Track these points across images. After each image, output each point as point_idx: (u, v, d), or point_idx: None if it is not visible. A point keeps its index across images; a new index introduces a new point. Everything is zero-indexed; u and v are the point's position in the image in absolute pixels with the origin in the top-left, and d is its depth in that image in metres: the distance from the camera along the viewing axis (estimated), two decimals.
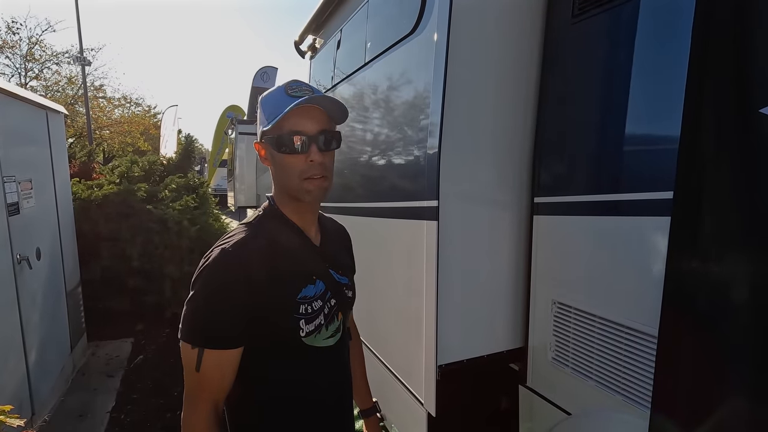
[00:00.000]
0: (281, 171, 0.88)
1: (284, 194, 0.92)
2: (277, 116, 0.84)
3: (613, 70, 1.34)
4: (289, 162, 0.86)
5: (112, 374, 3.28)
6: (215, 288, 0.81)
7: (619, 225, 1.28)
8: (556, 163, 1.53)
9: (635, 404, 1.22)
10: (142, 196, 4.00)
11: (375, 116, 2.06)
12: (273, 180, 0.93)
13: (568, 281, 1.47)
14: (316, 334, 0.89)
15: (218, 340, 0.81)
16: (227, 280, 0.80)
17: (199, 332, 0.81)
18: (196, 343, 0.80)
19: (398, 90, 1.80)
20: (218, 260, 0.81)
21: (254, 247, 0.84)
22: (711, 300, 0.97)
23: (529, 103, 1.59)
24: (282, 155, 0.86)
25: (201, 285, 0.81)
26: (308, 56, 3.16)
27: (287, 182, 0.88)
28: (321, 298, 0.91)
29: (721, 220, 0.95)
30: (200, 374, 0.80)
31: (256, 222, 0.91)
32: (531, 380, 1.65)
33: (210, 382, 0.82)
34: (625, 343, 1.26)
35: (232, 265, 0.81)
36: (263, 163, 0.93)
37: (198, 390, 0.82)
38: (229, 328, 0.81)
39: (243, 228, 0.89)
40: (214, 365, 0.81)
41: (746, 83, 0.93)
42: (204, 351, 0.80)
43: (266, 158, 0.92)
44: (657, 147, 1.22)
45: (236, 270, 0.81)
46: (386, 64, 1.88)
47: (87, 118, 13.93)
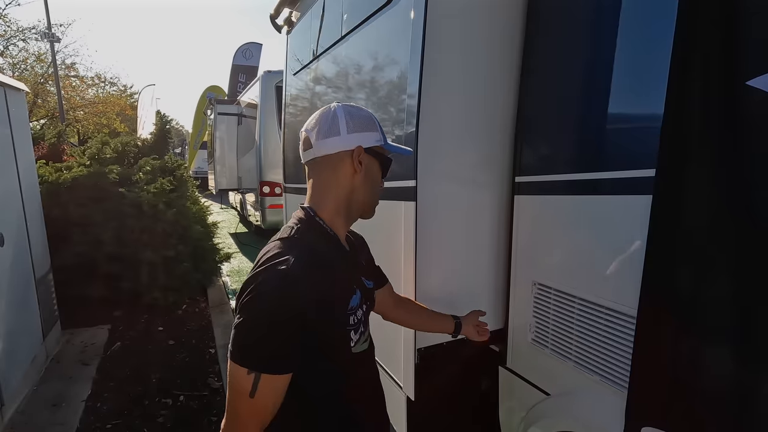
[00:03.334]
0: (369, 186, 0.94)
1: (344, 209, 0.92)
2: (395, 146, 0.97)
3: (596, 46, 1.28)
4: (379, 182, 0.96)
5: (88, 362, 3.20)
6: (275, 313, 0.76)
7: (600, 204, 1.25)
8: (538, 141, 1.49)
9: (613, 384, 1.22)
10: (115, 179, 3.84)
11: (352, 94, 1.98)
12: (333, 192, 0.91)
13: (548, 262, 1.45)
14: (360, 342, 0.91)
15: (277, 365, 0.77)
16: (287, 304, 0.76)
17: (257, 357, 0.76)
18: (254, 368, 0.75)
19: (375, 65, 1.72)
20: (276, 284, 0.77)
21: (308, 266, 0.80)
22: (691, 279, 0.94)
23: (510, 80, 1.53)
24: (379, 174, 0.96)
25: (259, 309, 0.77)
26: (284, 31, 3.02)
27: (367, 197, 0.94)
28: (360, 306, 0.91)
29: (705, 196, 0.92)
30: (254, 400, 0.76)
31: (299, 237, 0.87)
32: (511, 361, 1.64)
33: (264, 407, 0.78)
34: (603, 324, 1.24)
35: (291, 288, 0.77)
36: (346, 167, 0.89)
37: (250, 416, 0.78)
38: (289, 352, 0.78)
39: (288, 244, 0.84)
40: (270, 390, 0.77)
41: (733, 55, 0.88)
42: (261, 376, 0.76)
43: (358, 168, 0.90)
44: (640, 124, 1.18)
45: (295, 293, 0.77)
46: (362, 37, 1.79)
47: (58, 98, 13.37)
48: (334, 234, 0.91)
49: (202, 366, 3.18)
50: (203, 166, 15.44)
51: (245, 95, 8.44)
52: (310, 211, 0.91)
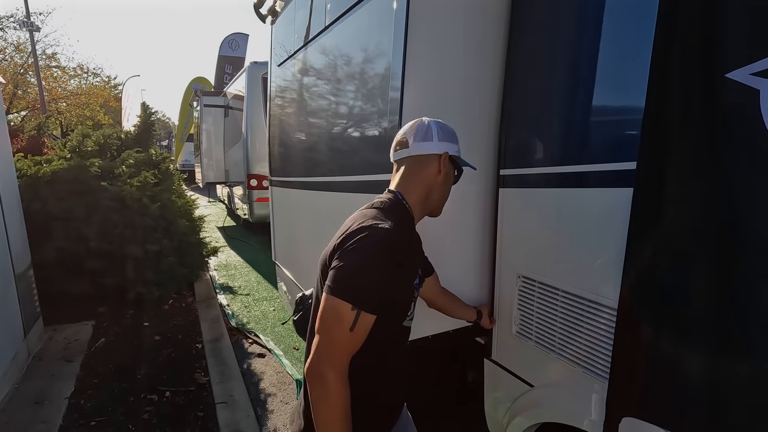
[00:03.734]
0: (445, 187, 1.13)
1: (423, 203, 1.09)
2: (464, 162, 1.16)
3: (581, 39, 1.27)
4: (450, 187, 1.15)
5: (71, 359, 3.14)
6: (385, 260, 0.90)
7: (583, 197, 1.25)
8: (522, 134, 1.48)
9: (595, 375, 1.23)
10: (96, 172, 3.75)
11: (337, 84, 1.95)
12: (418, 186, 1.08)
13: (532, 255, 1.45)
14: (409, 318, 1.06)
15: (375, 306, 0.89)
16: (392, 255, 0.91)
17: (362, 295, 0.88)
18: (358, 305, 0.87)
19: (359, 56, 1.69)
20: (388, 235, 0.91)
21: (405, 236, 0.98)
22: (670, 271, 0.95)
23: (495, 72, 1.52)
24: (452, 180, 1.15)
25: (372, 253, 0.89)
26: (269, 20, 2.97)
27: (442, 196, 1.13)
28: (418, 286, 1.08)
29: (684, 188, 0.92)
30: (353, 334, 0.88)
31: (392, 211, 1.00)
32: (496, 353, 1.65)
33: (357, 343, 0.90)
34: (586, 316, 1.25)
35: (399, 242, 0.93)
36: (433, 168, 1.08)
37: (346, 347, 0.89)
38: (383, 296, 0.91)
39: (384, 212, 0.99)
40: (364, 327, 0.89)
41: (713, 48, 0.88)
42: (361, 313, 0.87)
43: (442, 170, 1.08)
44: (623, 117, 1.18)
45: (398, 249, 0.92)
46: (346, 27, 1.76)
47: (39, 89, 13.04)
48: (414, 223, 1.07)
49: (188, 361, 3.16)
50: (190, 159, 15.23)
51: (232, 87, 8.31)
52: (398, 194, 1.06)
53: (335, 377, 0.87)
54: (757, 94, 0.83)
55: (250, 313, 4.14)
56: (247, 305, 4.36)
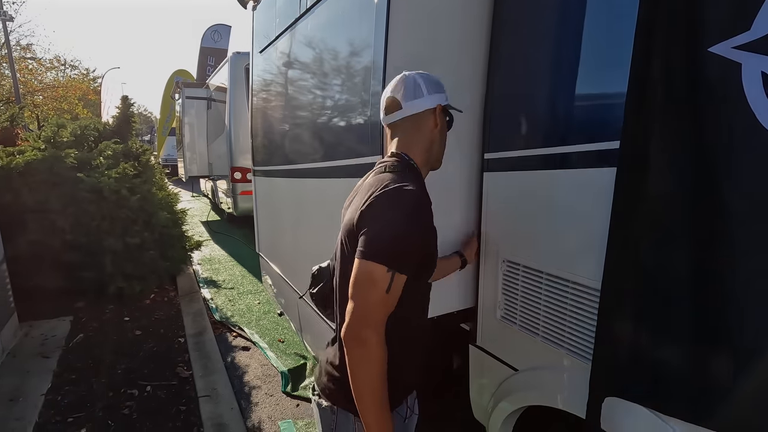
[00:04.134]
0: (443, 138, 1.12)
1: (427, 159, 1.09)
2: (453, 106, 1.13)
3: (562, 20, 1.26)
4: (445, 138, 1.13)
5: (48, 355, 3.05)
6: (416, 220, 0.91)
7: (567, 178, 1.25)
8: (506, 117, 1.46)
9: (578, 357, 1.22)
10: (72, 164, 3.63)
11: (319, 70, 1.91)
12: (419, 144, 1.07)
13: (516, 238, 1.44)
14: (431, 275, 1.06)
15: (409, 266, 0.91)
16: (424, 217, 0.93)
17: (396, 257, 0.88)
18: (393, 267, 0.88)
19: (340, 39, 1.65)
20: (416, 198, 0.93)
21: (424, 191, 0.99)
22: (652, 251, 0.94)
23: (479, 55, 1.49)
24: (446, 131, 1.12)
25: (403, 215, 0.90)
26: (250, 6, 2.90)
27: (441, 148, 1.12)
28: None
29: (668, 166, 0.91)
30: (389, 295, 0.88)
31: (406, 173, 1.00)
32: (480, 339, 1.64)
33: (393, 304, 0.91)
34: (570, 299, 1.25)
35: (424, 202, 0.95)
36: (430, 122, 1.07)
37: (383, 308, 0.89)
38: (416, 257, 0.92)
39: (401, 176, 0.98)
40: (398, 287, 0.90)
41: (696, 21, 0.87)
42: (396, 275, 0.88)
43: (439, 122, 1.07)
44: (607, 95, 1.17)
45: (426, 206, 0.95)
46: (327, 10, 1.72)
47: (13, 81, 12.61)
48: (424, 181, 1.06)
49: (170, 355, 3.09)
50: (173, 153, 14.92)
51: (214, 78, 8.14)
52: (404, 155, 1.04)
53: (376, 339, 0.88)
54: (740, 68, 0.83)
55: (235, 307, 4.08)
56: (231, 299, 4.30)
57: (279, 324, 3.62)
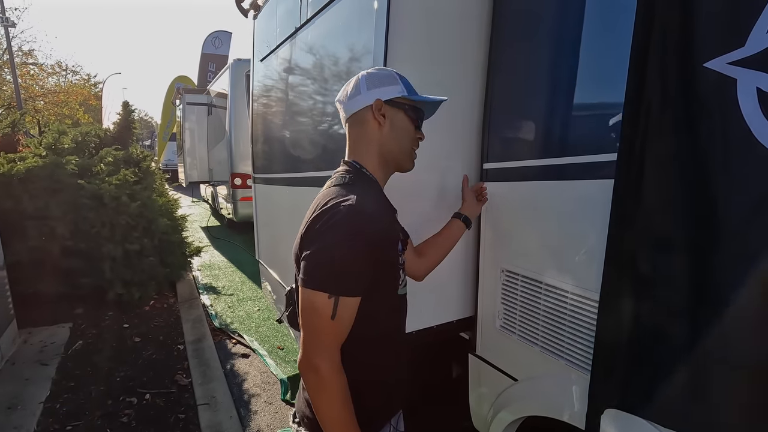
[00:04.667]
0: (399, 136, 1.00)
1: (381, 162, 1.00)
2: (421, 96, 1.00)
3: (563, 32, 1.27)
4: (411, 132, 1.01)
5: (47, 362, 3.05)
6: (354, 237, 0.84)
7: (566, 189, 1.25)
8: (505, 127, 1.48)
9: (578, 368, 1.23)
10: (73, 170, 3.64)
11: (320, 79, 1.92)
12: (371, 141, 0.99)
13: (515, 248, 1.44)
14: (402, 285, 1.01)
15: (354, 287, 0.86)
16: (365, 230, 0.85)
17: (336, 280, 0.84)
18: (334, 292, 0.84)
19: (340, 49, 1.67)
20: (353, 212, 0.85)
21: (373, 206, 0.90)
22: (650, 262, 0.95)
23: (478, 65, 1.51)
24: (410, 124, 1.01)
25: (338, 235, 0.84)
26: (251, 15, 2.92)
27: (400, 147, 1.00)
28: (403, 250, 1.01)
29: (664, 179, 0.92)
30: (335, 322, 0.84)
31: (354, 184, 0.94)
32: (480, 348, 1.64)
33: (343, 329, 0.87)
34: (569, 309, 1.25)
35: (366, 214, 0.87)
36: (371, 122, 0.97)
37: (332, 336, 0.86)
38: (364, 275, 0.87)
39: (347, 188, 0.92)
40: (347, 311, 0.86)
41: (691, 37, 0.88)
42: (340, 299, 0.84)
43: (381, 120, 0.97)
44: (605, 108, 1.18)
45: (367, 224, 0.86)
46: (327, 21, 1.74)
47: (15, 86, 12.65)
48: (381, 188, 1.00)
49: (169, 363, 3.09)
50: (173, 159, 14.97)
51: (215, 84, 8.17)
52: (355, 163, 0.98)
53: (328, 368, 0.85)
54: (735, 83, 0.84)
55: (234, 314, 4.07)
56: (230, 305, 4.29)
57: (279, 331, 3.61)
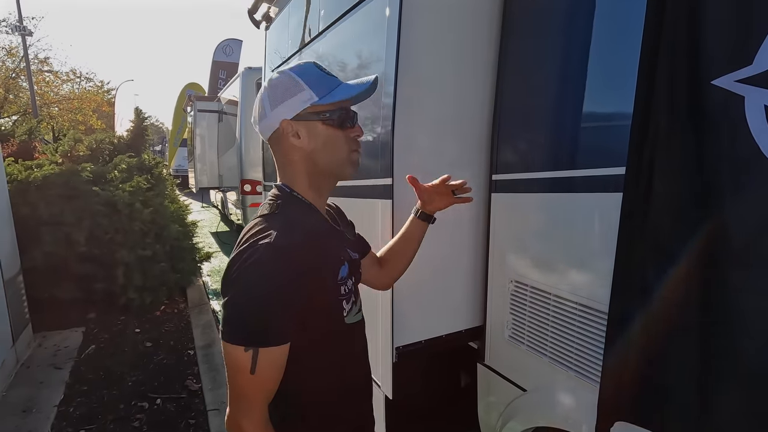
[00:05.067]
0: (326, 148, 0.88)
1: (314, 181, 0.90)
2: (343, 93, 0.87)
3: (572, 45, 1.29)
4: (340, 137, 0.89)
5: (61, 366, 3.10)
6: (267, 285, 0.75)
7: (575, 201, 1.27)
8: (515, 139, 1.49)
9: (587, 379, 1.23)
10: (88, 177, 3.72)
11: None
12: (296, 163, 0.89)
13: (524, 260, 1.46)
14: (352, 313, 0.91)
15: (274, 337, 0.77)
16: (278, 276, 0.76)
17: (252, 332, 0.76)
18: (251, 344, 0.75)
19: (352, 62, 1.70)
20: (265, 257, 0.76)
21: (296, 239, 0.80)
22: (658, 276, 0.96)
23: (487, 77, 1.53)
24: (336, 130, 0.88)
25: (250, 283, 0.76)
26: (263, 26, 2.97)
27: (331, 159, 0.89)
28: (349, 276, 0.91)
29: (672, 194, 0.93)
30: (256, 376, 0.76)
31: (281, 212, 0.86)
32: (488, 358, 1.65)
33: (267, 382, 0.79)
34: (578, 321, 1.26)
35: (281, 260, 0.76)
36: (287, 143, 0.87)
37: (255, 392, 0.78)
38: (285, 323, 0.78)
39: (271, 219, 0.84)
40: (269, 363, 0.77)
41: (699, 54, 0.90)
42: (259, 351, 0.75)
43: (296, 140, 0.87)
44: (614, 122, 1.20)
45: (286, 265, 0.77)
46: (340, 34, 1.77)
47: (31, 94, 12.94)
48: (314, 206, 0.91)
49: (180, 368, 3.12)
50: (183, 164, 15.15)
51: (226, 92, 8.29)
52: (285, 187, 0.90)
53: (253, 428, 0.78)
54: (743, 101, 0.85)
55: None
56: None
57: None
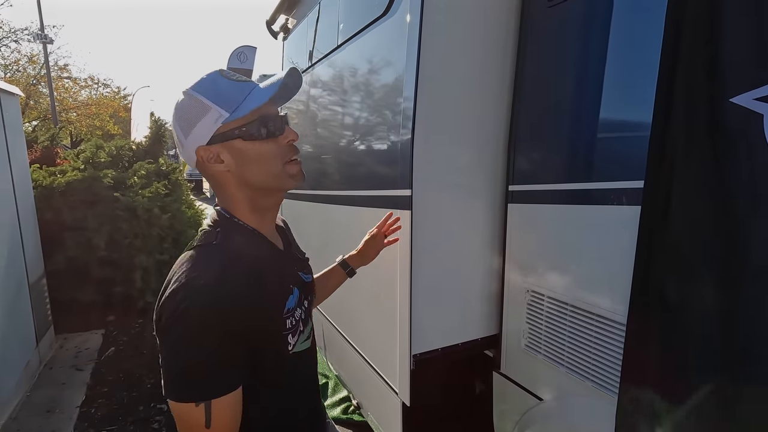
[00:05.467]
0: (258, 164, 0.79)
1: (252, 197, 0.82)
2: (256, 100, 0.75)
3: (589, 57, 1.31)
4: (269, 149, 0.79)
5: (82, 367, 3.18)
6: (206, 332, 0.68)
7: (592, 214, 1.28)
8: (532, 150, 1.52)
9: (605, 390, 1.24)
10: (109, 183, 3.82)
11: (349, 101, 2.00)
12: (228, 186, 0.81)
13: (541, 270, 1.47)
14: (299, 342, 0.85)
15: (224, 386, 0.71)
16: (214, 321, 0.69)
17: (200, 386, 0.69)
18: (202, 398, 0.69)
19: (371, 74, 1.74)
20: (203, 300, 0.69)
21: (233, 275, 0.73)
22: (677, 288, 0.97)
23: (504, 88, 1.56)
24: (261, 143, 0.78)
25: (187, 330, 0.68)
26: (281, 37, 3.04)
27: (265, 174, 0.80)
28: (299, 305, 0.85)
29: (691, 210, 0.95)
30: (213, 429, 0.69)
31: (220, 241, 0.78)
32: (504, 366, 1.66)
33: (229, 425, 0.72)
34: (595, 331, 1.27)
35: (216, 304, 0.69)
36: (212, 169, 0.79)
37: None
38: (233, 368, 0.72)
39: (206, 253, 0.76)
40: (225, 411, 0.71)
41: (717, 71, 0.91)
42: (212, 403, 0.69)
43: (223, 160, 0.78)
44: (631, 135, 1.21)
45: (221, 308, 0.69)
46: (359, 47, 1.82)
47: (51, 100, 13.27)
48: (259, 232, 0.83)
49: None
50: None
51: None
52: (224, 213, 0.82)
53: None
54: (761, 119, 0.86)
55: None
56: None
57: None
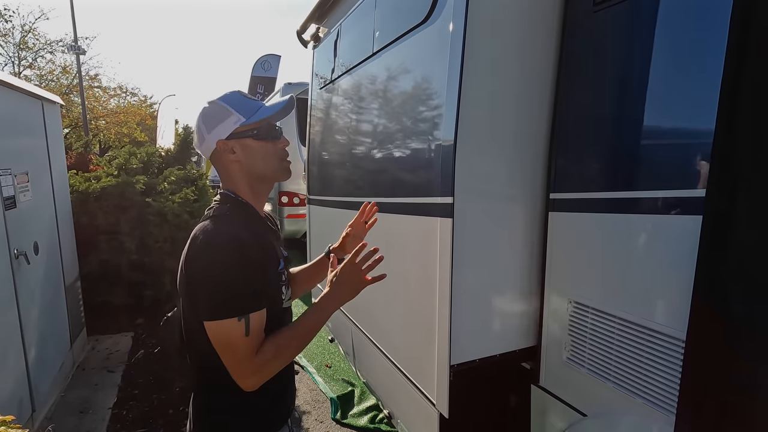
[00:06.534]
0: (259, 159, 1.03)
1: (253, 183, 1.04)
2: (265, 112, 1.01)
3: (635, 62, 1.28)
4: (270, 149, 1.03)
5: (113, 369, 3.24)
6: (239, 262, 0.89)
7: (640, 223, 1.24)
8: (574, 158, 1.48)
9: (658, 408, 1.19)
10: (141, 189, 3.92)
11: (386, 109, 2.00)
12: (236, 174, 1.03)
13: (585, 280, 1.43)
14: (286, 298, 1.07)
15: (256, 302, 0.91)
16: (243, 254, 0.90)
17: (239, 302, 0.89)
18: (242, 312, 0.88)
19: (410, 82, 1.74)
20: (229, 240, 0.90)
21: (245, 230, 0.95)
22: (748, 305, 0.93)
23: (546, 95, 1.53)
24: (265, 143, 1.02)
25: (220, 264, 0.88)
26: (311, 46, 3.08)
27: (268, 167, 1.04)
28: (285, 269, 1.08)
29: (759, 221, 0.91)
30: (251, 337, 0.89)
31: (229, 212, 0.99)
32: (544, 380, 1.62)
33: (258, 339, 0.92)
34: (646, 345, 1.22)
35: (239, 241, 0.91)
36: (226, 159, 1.01)
37: (250, 352, 0.90)
38: (259, 289, 0.92)
39: (221, 220, 0.96)
40: (259, 322, 0.91)
41: None
42: (249, 316, 0.89)
43: (232, 156, 1.01)
44: (679, 142, 1.18)
45: (241, 243, 0.91)
46: (397, 54, 1.82)
47: (82, 108, 13.76)
48: (255, 209, 1.05)
49: None
50: None
51: None
52: (230, 193, 1.03)
53: (258, 371, 0.91)
54: None
55: None
56: None
57: (326, 349, 3.67)
